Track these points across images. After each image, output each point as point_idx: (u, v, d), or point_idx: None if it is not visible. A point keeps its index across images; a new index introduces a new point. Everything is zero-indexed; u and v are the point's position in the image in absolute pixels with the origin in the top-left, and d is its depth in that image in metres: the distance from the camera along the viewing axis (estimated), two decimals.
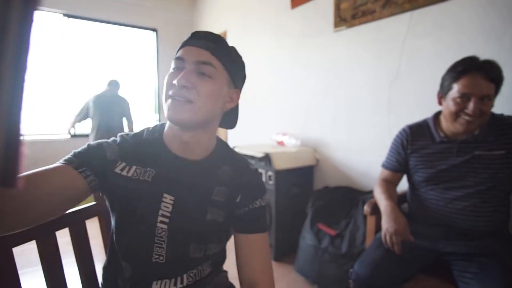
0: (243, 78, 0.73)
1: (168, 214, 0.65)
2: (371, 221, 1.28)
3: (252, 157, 2.27)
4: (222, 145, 0.76)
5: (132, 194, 0.64)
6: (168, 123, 0.68)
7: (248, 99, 3.09)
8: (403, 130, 1.29)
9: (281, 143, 2.42)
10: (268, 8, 2.76)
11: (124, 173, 0.64)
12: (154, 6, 3.91)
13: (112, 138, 0.69)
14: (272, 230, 2.10)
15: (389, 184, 1.29)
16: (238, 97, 0.72)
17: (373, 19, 1.85)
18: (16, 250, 0.64)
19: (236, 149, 2.40)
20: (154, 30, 4.07)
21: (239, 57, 0.71)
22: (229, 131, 3.50)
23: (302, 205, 2.14)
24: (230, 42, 3.33)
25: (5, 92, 0.23)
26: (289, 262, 2.07)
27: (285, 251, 2.15)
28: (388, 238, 1.08)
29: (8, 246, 0.64)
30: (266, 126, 2.85)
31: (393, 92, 1.78)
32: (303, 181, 2.24)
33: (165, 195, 0.65)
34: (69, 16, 3.47)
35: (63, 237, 0.76)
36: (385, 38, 1.80)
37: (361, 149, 1.99)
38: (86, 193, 0.61)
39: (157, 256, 0.65)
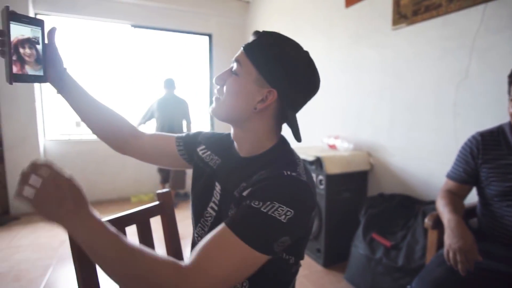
0: (283, 76, 0.61)
1: (217, 203, 0.70)
2: (432, 235, 1.18)
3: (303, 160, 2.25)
4: (280, 148, 0.68)
5: (198, 171, 0.78)
6: None
7: None
8: (473, 137, 1.17)
9: (333, 147, 2.36)
10: (321, 8, 2.71)
11: (201, 153, 0.79)
12: (208, 12, 4.09)
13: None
14: (322, 235, 2.06)
15: (454, 197, 1.18)
16: (274, 98, 0.62)
17: (438, 15, 1.70)
18: None
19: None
20: (208, 35, 4.25)
21: (279, 51, 0.61)
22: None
23: (354, 211, 2.06)
24: None
25: None
26: (339, 270, 2.02)
27: (335, 258, 2.10)
28: (451, 255, 0.99)
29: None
30: (318, 128, 2.80)
31: (460, 94, 1.62)
32: (356, 187, 2.16)
33: (216, 183, 0.71)
34: (135, 26, 3.81)
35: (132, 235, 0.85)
36: (452, 34, 1.64)
37: (421, 155, 1.85)
38: (177, 158, 0.82)
39: (197, 236, 0.73)
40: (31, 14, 3.23)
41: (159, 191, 0.94)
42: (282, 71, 0.61)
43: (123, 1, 3.62)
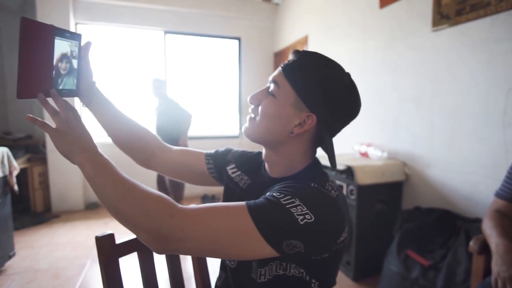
0: (323, 101, 0.58)
1: None
2: (478, 261, 1.07)
3: (332, 169, 2.17)
4: (311, 170, 0.65)
5: (229, 192, 0.77)
6: None
7: None
8: None
9: (365, 155, 2.25)
10: (353, 9, 2.60)
11: (230, 173, 0.78)
12: (238, 16, 4.10)
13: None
14: (352, 247, 1.97)
15: (504, 218, 1.06)
16: (313, 124, 0.59)
17: (486, 14, 1.55)
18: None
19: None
20: (237, 38, 4.27)
21: (320, 74, 0.58)
22: None
23: (387, 224, 1.95)
24: (311, 48, 3.27)
25: None
26: (369, 285, 1.92)
27: (365, 272, 2.00)
28: (500, 284, 0.89)
29: (116, 256, 0.75)
30: (348, 135, 2.69)
31: (511, 102, 1.47)
32: (389, 198, 2.04)
33: None
34: (167, 32, 3.92)
35: None
36: (502, 36, 1.49)
37: (464, 167, 1.70)
38: (207, 177, 0.81)
39: (229, 260, 0.71)
40: (72, 24, 3.43)
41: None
42: (323, 95, 0.58)
43: (156, 8, 3.73)
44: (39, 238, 2.68)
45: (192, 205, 0.53)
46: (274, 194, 0.53)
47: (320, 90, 0.58)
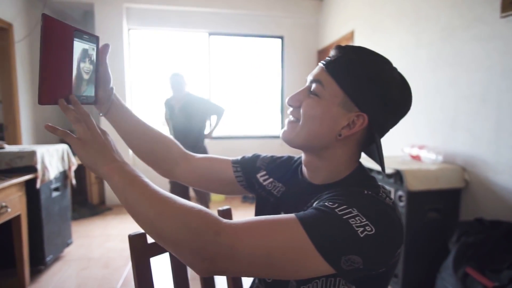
0: (376, 100, 0.53)
1: None
2: None
3: (379, 173, 2.02)
4: (358, 177, 0.59)
5: (261, 201, 0.72)
6: None
7: None
8: None
9: (416, 158, 2.06)
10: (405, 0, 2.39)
11: (261, 180, 0.73)
12: (280, 15, 4.05)
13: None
14: (400, 259, 1.81)
15: None
16: (364, 124, 0.54)
17: None
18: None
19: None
20: (280, 37, 4.22)
21: (371, 71, 0.53)
22: None
23: (441, 236, 1.76)
24: (357, 43, 3.09)
25: None
26: None
27: (414, 287, 1.82)
28: None
29: (147, 256, 0.75)
30: (398, 136, 2.49)
31: None
32: (445, 207, 1.83)
33: (282, 213, 0.64)
34: (211, 34, 4.01)
35: None
36: None
37: None
38: (235, 185, 0.76)
39: None
40: (125, 29, 3.68)
41: (220, 208, 0.91)
42: (375, 93, 0.53)
43: (201, 11, 3.84)
44: (94, 228, 2.92)
45: (237, 220, 0.47)
46: (327, 204, 0.48)
47: (372, 87, 0.53)
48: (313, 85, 0.56)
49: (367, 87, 0.53)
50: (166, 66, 4.01)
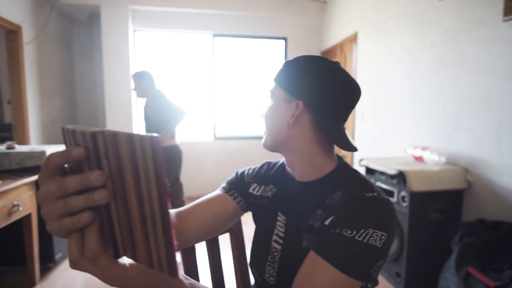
0: (306, 86, 0.61)
1: (282, 235, 0.66)
2: None
3: (382, 173, 2.04)
4: (343, 170, 0.65)
5: (257, 209, 0.74)
6: None
7: (380, 106, 2.81)
8: None
9: (419, 159, 2.08)
10: (408, 1, 2.41)
11: (255, 192, 0.75)
12: (284, 16, 4.08)
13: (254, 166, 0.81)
14: (403, 258, 1.84)
15: None
16: (302, 109, 0.61)
17: None
18: None
19: (363, 162, 2.21)
20: (284, 38, 4.25)
21: (299, 66, 0.62)
22: (357, 142, 3.28)
23: (444, 236, 1.78)
24: (361, 44, 3.12)
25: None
26: None
27: (417, 286, 1.85)
28: None
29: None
30: (400, 137, 2.51)
31: None
32: (447, 208, 1.85)
33: (279, 213, 0.68)
34: (216, 35, 4.05)
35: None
36: None
37: None
38: (238, 213, 0.74)
39: (268, 275, 0.67)
40: (131, 31, 3.73)
41: None
42: (304, 81, 0.61)
43: (206, 12, 3.88)
44: None
45: None
46: (345, 233, 0.52)
47: (300, 77, 0.61)
48: (269, 95, 0.67)
49: (297, 79, 0.62)
50: (171, 67, 4.06)
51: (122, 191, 0.28)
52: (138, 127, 3.95)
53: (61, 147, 2.23)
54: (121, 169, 0.27)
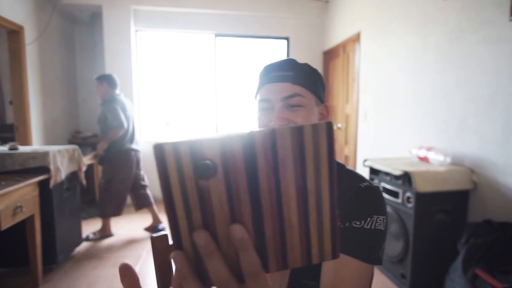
0: (324, 89, 0.71)
1: None
2: None
3: (387, 174, 2.03)
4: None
5: None
6: None
7: (383, 106, 2.80)
8: None
9: (424, 159, 2.07)
10: (413, 1, 2.40)
11: None
12: (286, 16, 4.07)
13: None
14: (408, 259, 1.83)
15: None
16: (328, 111, 0.70)
17: None
18: None
19: (367, 163, 2.20)
20: (285, 38, 4.24)
21: (314, 72, 0.69)
22: (359, 143, 3.27)
23: (450, 237, 1.77)
24: (364, 44, 3.11)
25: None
26: None
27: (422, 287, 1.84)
28: None
29: (170, 257, 0.77)
30: (405, 138, 2.50)
31: None
32: (453, 208, 1.84)
33: None
34: (218, 35, 4.04)
35: None
36: None
37: None
38: None
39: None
40: (133, 31, 3.72)
41: (155, 234, 0.90)
42: (323, 85, 0.70)
43: (208, 12, 3.87)
44: None
45: None
46: (354, 225, 0.57)
47: (321, 82, 0.70)
48: (294, 99, 0.63)
49: (319, 84, 0.68)
50: (173, 67, 4.05)
51: (277, 192, 0.27)
52: (139, 127, 3.94)
53: (64, 148, 2.22)
54: (278, 168, 0.26)
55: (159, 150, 0.25)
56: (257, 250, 0.28)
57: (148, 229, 2.89)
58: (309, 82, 0.66)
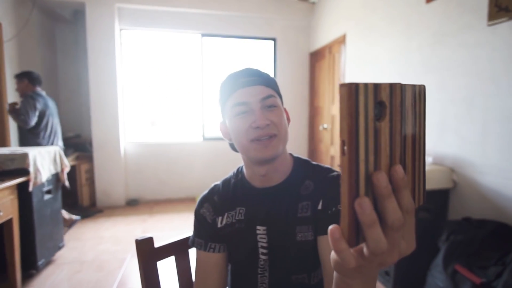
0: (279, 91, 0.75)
1: (266, 245, 0.69)
2: None
3: None
4: (300, 162, 0.73)
5: (232, 237, 0.72)
6: (245, 164, 0.73)
7: None
8: None
9: None
10: (396, 5, 2.46)
11: (221, 224, 0.73)
12: (273, 17, 4.08)
13: (204, 195, 0.77)
14: None
15: None
16: (287, 113, 0.73)
17: None
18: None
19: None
20: (273, 39, 4.25)
21: (273, 78, 0.73)
22: (337, 144, 3.31)
23: (431, 235, 1.81)
24: (350, 46, 3.16)
25: None
26: None
27: (405, 285, 1.88)
28: None
29: (154, 259, 0.76)
30: None
31: None
32: (434, 207, 1.89)
33: (257, 227, 0.69)
34: (204, 35, 4.01)
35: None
36: None
37: None
38: (226, 258, 0.75)
39: (261, 285, 0.70)
40: (117, 29, 3.64)
41: (139, 237, 0.82)
42: (277, 86, 0.73)
43: (194, 12, 3.83)
44: (86, 231, 2.88)
45: None
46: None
47: (276, 84, 0.73)
48: (270, 100, 0.66)
49: (277, 85, 0.72)
50: (158, 67, 3.99)
51: (401, 140, 0.29)
52: (124, 127, 3.87)
53: (45, 149, 2.15)
54: (405, 118, 0.29)
55: (353, 89, 0.24)
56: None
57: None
58: (275, 86, 0.71)
